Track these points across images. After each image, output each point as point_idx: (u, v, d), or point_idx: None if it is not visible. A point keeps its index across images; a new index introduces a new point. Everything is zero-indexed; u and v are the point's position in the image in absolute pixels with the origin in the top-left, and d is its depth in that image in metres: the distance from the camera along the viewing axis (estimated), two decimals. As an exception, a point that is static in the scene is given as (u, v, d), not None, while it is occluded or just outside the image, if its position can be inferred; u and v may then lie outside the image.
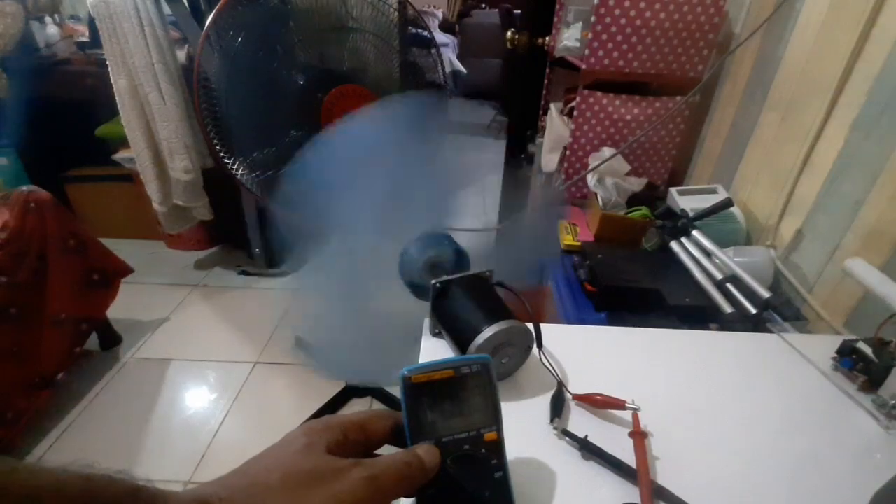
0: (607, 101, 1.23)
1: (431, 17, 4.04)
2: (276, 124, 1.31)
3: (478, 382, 0.31)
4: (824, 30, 0.86)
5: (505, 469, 0.30)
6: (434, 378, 0.30)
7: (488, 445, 0.30)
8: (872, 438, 0.47)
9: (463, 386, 0.31)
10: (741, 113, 1.11)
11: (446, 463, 0.29)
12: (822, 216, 0.84)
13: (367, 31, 1.38)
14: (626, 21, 1.12)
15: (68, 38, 2.14)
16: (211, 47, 1.19)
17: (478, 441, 0.30)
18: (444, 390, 0.30)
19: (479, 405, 0.31)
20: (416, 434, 0.29)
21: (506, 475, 0.30)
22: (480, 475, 0.30)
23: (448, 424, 0.30)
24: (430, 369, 0.30)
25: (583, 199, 1.31)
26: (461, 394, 0.31)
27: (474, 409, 0.31)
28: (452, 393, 0.30)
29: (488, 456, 0.30)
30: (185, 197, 1.87)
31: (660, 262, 0.92)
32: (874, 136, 0.74)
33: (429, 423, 0.30)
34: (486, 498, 0.29)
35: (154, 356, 1.67)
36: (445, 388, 0.30)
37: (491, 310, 0.47)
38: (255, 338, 1.75)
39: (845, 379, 0.54)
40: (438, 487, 0.29)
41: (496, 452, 0.30)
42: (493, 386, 0.31)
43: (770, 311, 0.73)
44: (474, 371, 0.31)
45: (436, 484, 0.29)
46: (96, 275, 1.52)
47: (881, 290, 0.60)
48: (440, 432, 0.30)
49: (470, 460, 0.30)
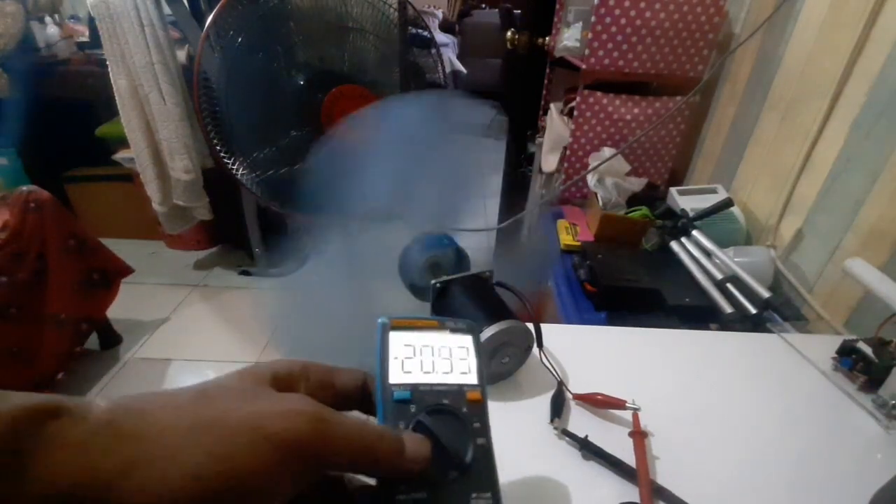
0: (607, 101, 1.23)
1: (431, 17, 4.04)
2: (276, 124, 1.31)
3: (463, 342, 0.28)
4: (824, 30, 0.86)
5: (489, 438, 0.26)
6: (416, 325, 0.28)
7: (471, 405, 0.26)
8: (872, 438, 0.47)
9: (446, 341, 0.28)
10: (741, 113, 1.11)
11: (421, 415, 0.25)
12: (822, 216, 0.84)
13: (367, 31, 1.38)
14: (626, 21, 1.12)
15: (68, 38, 2.14)
16: (211, 47, 1.19)
17: (459, 397, 0.26)
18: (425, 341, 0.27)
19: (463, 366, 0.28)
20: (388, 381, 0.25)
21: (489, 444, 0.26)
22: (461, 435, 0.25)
23: (427, 375, 0.26)
24: (413, 318, 0.28)
25: (583, 199, 1.31)
26: (444, 349, 0.28)
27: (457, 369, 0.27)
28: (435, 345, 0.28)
29: (470, 417, 0.26)
30: (185, 197, 1.87)
31: (660, 262, 0.92)
32: (874, 136, 0.74)
33: (404, 372, 0.26)
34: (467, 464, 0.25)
35: (154, 356, 1.67)
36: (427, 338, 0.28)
37: (491, 310, 0.47)
38: (255, 338, 1.75)
39: (845, 379, 0.54)
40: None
41: (480, 416, 0.26)
42: (479, 352, 0.28)
43: (770, 311, 0.73)
44: (460, 329, 0.29)
45: None
46: (96, 275, 1.52)
47: (881, 289, 0.60)
48: (417, 381, 0.26)
49: (450, 416, 0.25)
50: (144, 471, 0.17)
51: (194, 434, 0.18)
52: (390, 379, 0.25)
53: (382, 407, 0.25)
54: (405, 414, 0.25)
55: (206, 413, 0.19)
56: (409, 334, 0.27)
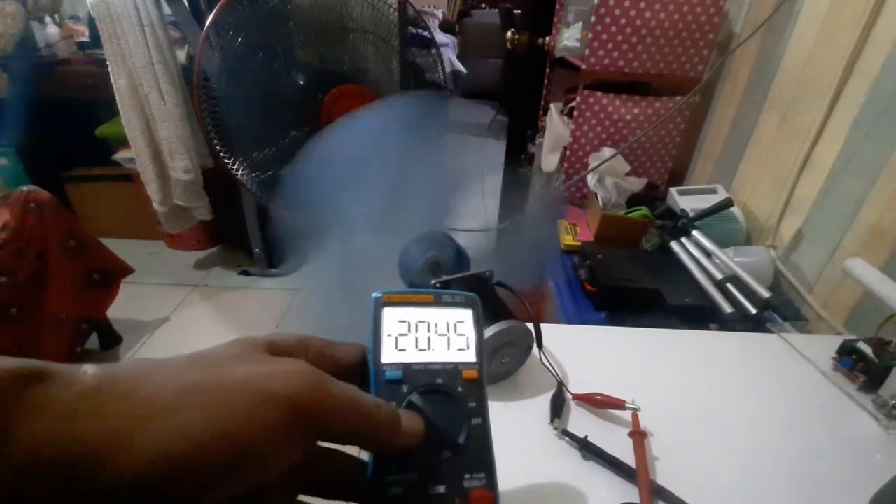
0: (607, 101, 1.23)
1: (431, 17, 4.04)
2: (276, 124, 1.31)
3: (461, 317, 0.27)
4: (824, 30, 0.86)
5: (485, 417, 0.25)
6: (411, 300, 0.27)
7: (467, 384, 0.25)
8: (872, 438, 0.47)
9: (444, 316, 0.27)
10: (741, 113, 1.11)
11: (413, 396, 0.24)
12: (822, 216, 0.84)
13: (367, 31, 1.38)
14: (626, 21, 1.12)
15: (68, 38, 2.14)
16: (211, 47, 1.19)
17: (454, 376, 0.25)
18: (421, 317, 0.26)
19: (461, 342, 0.26)
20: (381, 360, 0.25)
21: (486, 424, 0.25)
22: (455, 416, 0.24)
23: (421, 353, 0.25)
24: (409, 293, 0.27)
25: (583, 199, 1.31)
26: (440, 325, 0.26)
27: (454, 346, 0.26)
28: (431, 321, 0.26)
29: (465, 396, 0.25)
30: (185, 197, 1.87)
31: (660, 262, 0.92)
32: (874, 137, 0.74)
33: (397, 350, 0.25)
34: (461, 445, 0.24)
35: (154, 356, 1.66)
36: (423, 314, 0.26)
37: (491, 310, 0.47)
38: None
39: (845, 379, 0.54)
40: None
41: (476, 395, 0.25)
42: (479, 324, 0.27)
43: (770, 311, 0.73)
44: (458, 303, 0.27)
45: None
46: (96, 275, 1.52)
47: (881, 290, 0.60)
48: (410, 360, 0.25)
49: (444, 396, 0.25)
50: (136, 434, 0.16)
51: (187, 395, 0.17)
52: (383, 358, 0.25)
53: (376, 387, 0.24)
54: (397, 394, 0.24)
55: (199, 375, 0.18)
56: (403, 310, 0.26)
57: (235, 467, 0.17)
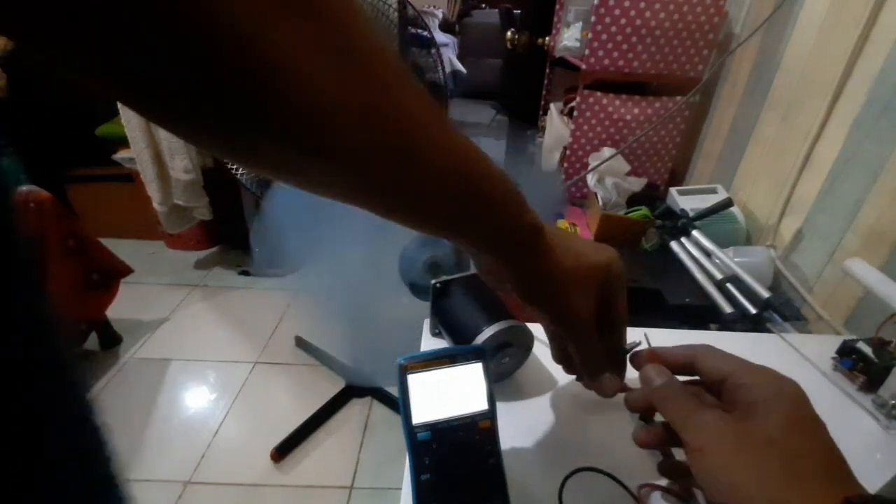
0: (607, 101, 1.23)
1: (431, 17, 4.03)
2: (276, 124, 1.31)
3: (473, 371, 0.33)
4: (824, 30, 0.86)
5: (498, 456, 0.32)
6: (430, 365, 0.32)
7: (482, 433, 0.32)
8: (872, 438, 0.47)
9: (458, 374, 0.32)
10: (741, 113, 1.11)
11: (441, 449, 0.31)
12: (822, 216, 0.84)
13: (367, 31, 1.38)
14: (626, 21, 1.12)
15: (68, 38, 2.14)
16: (211, 47, 1.19)
17: (472, 428, 0.32)
18: (439, 378, 0.32)
19: (474, 393, 0.32)
20: (412, 423, 0.31)
21: (499, 462, 0.32)
22: (474, 461, 0.31)
23: (443, 411, 0.31)
24: (426, 357, 0.32)
25: (583, 199, 1.31)
26: (456, 382, 0.32)
27: (469, 398, 0.32)
28: (448, 381, 0.32)
29: (482, 443, 0.31)
30: (185, 197, 1.87)
31: (660, 262, 0.92)
32: (874, 136, 0.74)
33: (424, 411, 0.31)
34: (480, 484, 0.31)
35: (154, 356, 1.67)
36: (441, 376, 0.32)
37: (491, 309, 0.47)
38: (255, 338, 1.75)
39: (845, 379, 0.54)
40: (432, 473, 0.30)
41: (490, 440, 0.32)
42: (489, 375, 0.33)
43: (770, 311, 0.73)
44: (469, 360, 0.33)
45: (429, 469, 0.30)
46: (96, 275, 1.52)
47: (881, 289, 0.60)
48: (435, 419, 0.31)
49: (464, 447, 0.31)
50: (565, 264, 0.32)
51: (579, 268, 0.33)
52: (413, 420, 0.31)
53: (410, 446, 0.30)
54: (429, 451, 0.31)
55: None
56: (424, 374, 0.32)
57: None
